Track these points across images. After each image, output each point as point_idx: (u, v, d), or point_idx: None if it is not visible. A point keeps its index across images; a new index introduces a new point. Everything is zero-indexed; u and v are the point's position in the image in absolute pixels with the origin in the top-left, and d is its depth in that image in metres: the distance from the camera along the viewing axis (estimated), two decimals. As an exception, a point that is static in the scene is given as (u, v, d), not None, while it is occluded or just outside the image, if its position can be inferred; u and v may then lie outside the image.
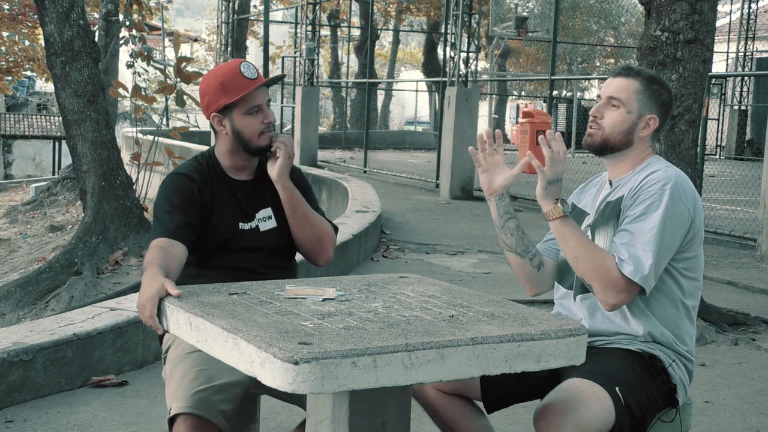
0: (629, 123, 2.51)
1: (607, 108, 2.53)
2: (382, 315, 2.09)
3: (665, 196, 2.38)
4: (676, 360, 2.46)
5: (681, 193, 2.40)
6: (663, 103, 2.54)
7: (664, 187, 2.39)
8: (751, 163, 18.47)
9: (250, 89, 2.61)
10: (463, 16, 13.07)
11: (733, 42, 24.24)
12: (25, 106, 35.43)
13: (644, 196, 2.41)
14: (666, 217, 2.37)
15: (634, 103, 2.51)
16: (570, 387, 2.29)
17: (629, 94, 2.51)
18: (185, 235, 2.58)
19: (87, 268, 7.19)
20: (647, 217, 2.38)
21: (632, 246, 2.36)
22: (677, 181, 2.42)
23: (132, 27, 9.50)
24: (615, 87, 2.54)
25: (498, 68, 29.41)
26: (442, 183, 13.18)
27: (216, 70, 2.70)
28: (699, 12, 5.07)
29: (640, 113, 2.51)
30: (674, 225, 2.39)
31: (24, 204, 15.81)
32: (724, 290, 6.74)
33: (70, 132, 7.71)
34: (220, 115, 2.66)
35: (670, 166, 2.49)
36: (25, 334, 3.92)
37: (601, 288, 2.37)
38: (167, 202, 2.64)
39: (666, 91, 2.56)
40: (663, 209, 2.37)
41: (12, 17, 25.60)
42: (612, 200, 2.52)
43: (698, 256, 2.49)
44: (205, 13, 48.40)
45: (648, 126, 2.52)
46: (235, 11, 21.50)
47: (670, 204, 2.38)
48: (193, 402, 2.31)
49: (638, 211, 2.40)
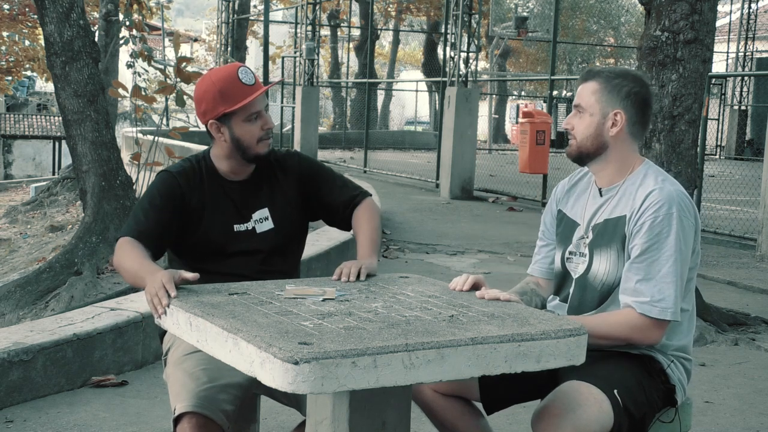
0: (594, 125, 2.45)
1: (575, 117, 2.48)
2: (382, 315, 2.09)
3: (674, 221, 2.34)
4: (675, 361, 2.45)
5: (686, 212, 2.37)
6: (628, 94, 2.44)
7: (670, 211, 2.35)
8: (751, 163, 18.46)
9: (250, 98, 2.56)
10: (463, 16, 13.07)
11: (733, 42, 24.23)
12: (25, 106, 35.41)
13: (651, 222, 2.35)
14: (678, 242, 2.34)
15: (594, 104, 2.45)
16: (568, 390, 2.29)
17: (589, 97, 2.45)
18: (152, 240, 2.54)
19: (87, 268, 7.18)
20: (661, 247, 2.34)
21: (651, 281, 2.33)
22: (680, 200, 2.37)
23: (132, 27, 9.49)
24: (578, 95, 2.49)
25: (498, 68, 29.42)
26: (442, 183, 13.18)
27: (213, 75, 2.61)
28: (699, 12, 5.06)
29: (603, 112, 2.44)
30: (686, 246, 2.37)
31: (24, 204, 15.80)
32: (724, 290, 6.74)
33: (70, 132, 7.71)
34: (219, 122, 2.60)
35: (666, 180, 2.43)
36: (25, 334, 3.92)
37: (639, 340, 2.36)
38: (148, 200, 2.61)
39: (632, 83, 2.45)
40: (675, 235, 2.34)
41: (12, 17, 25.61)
42: (611, 218, 2.45)
43: (696, 265, 2.48)
44: (205, 13, 48.39)
45: (615, 123, 2.44)
46: (235, 11, 21.51)
47: (680, 227, 2.34)
48: (198, 401, 2.30)
49: (649, 241, 2.35)
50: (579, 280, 2.50)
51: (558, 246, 2.61)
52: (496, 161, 17.77)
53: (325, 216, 2.78)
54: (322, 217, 2.79)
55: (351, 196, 2.74)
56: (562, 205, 2.63)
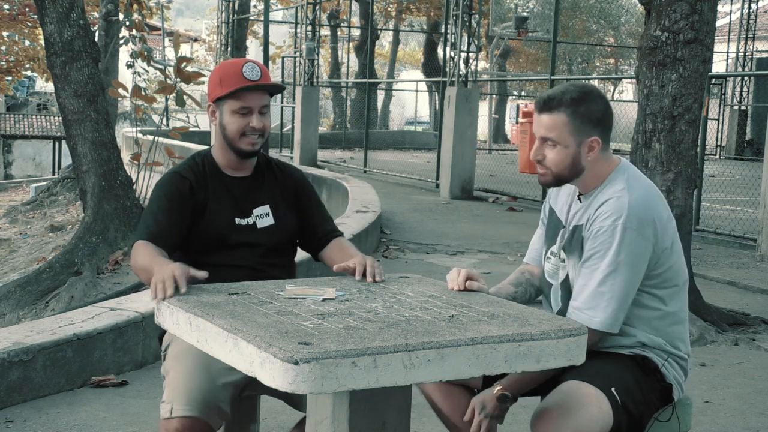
0: (571, 156, 2.41)
1: (545, 148, 2.44)
2: (382, 315, 2.09)
3: (617, 234, 2.32)
4: (669, 359, 2.46)
5: (634, 225, 2.33)
6: (598, 119, 2.41)
7: (615, 223, 2.33)
8: (751, 163, 18.45)
9: (239, 86, 2.63)
10: (463, 16, 13.06)
11: (733, 42, 24.23)
12: (25, 106, 35.41)
13: (596, 231, 2.36)
14: (619, 255, 2.32)
15: (567, 136, 2.40)
16: (567, 390, 2.29)
17: (559, 130, 2.40)
18: (166, 239, 2.60)
19: (87, 268, 7.18)
20: (602, 258, 2.34)
21: (585, 288, 2.35)
22: (630, 213, 2.33)
23: (132, 27, 9.49)
24: (544, 125, 2.43)
25: (498, 68, 29.41)
26: (442, 183, 13.18)
27: (224, 62, 2.77)
28: (699, 12, 5.06)
29: (578, 142, 2.41)
30: (631, 261, 2.33)
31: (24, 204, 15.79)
32: (724, 290, 6.74)
33: (70, 132, 7.71)
34: (214, 105, 2.71)
35: (630, 188, 2.39)
36: (25, 334, 3.92)
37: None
38: (157, 202, 2.67)
39: (596, 104, 2.41)
40: (616, 248, 2.32)
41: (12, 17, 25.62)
42: (578, 225, 2.46)
43: (673, 265, 2.44)
44: (205, 13, 48.39)
45: (592, 148, 2.42)
46: (235, 11, 21.49)
47: (622, 240, 2.32)
48: (196, 405, 2.32)
49: (592, 250, 2.36)
50: (563, 285, 2.51)
51: (545, 242, 2.64)
52: (496, 161, 17.77)
53: (301, 235, 2.83)
54: (298, 235, 2.83)
55: (331, 229, 2.84)
56: (553, 202, 2.65)
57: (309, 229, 2.82)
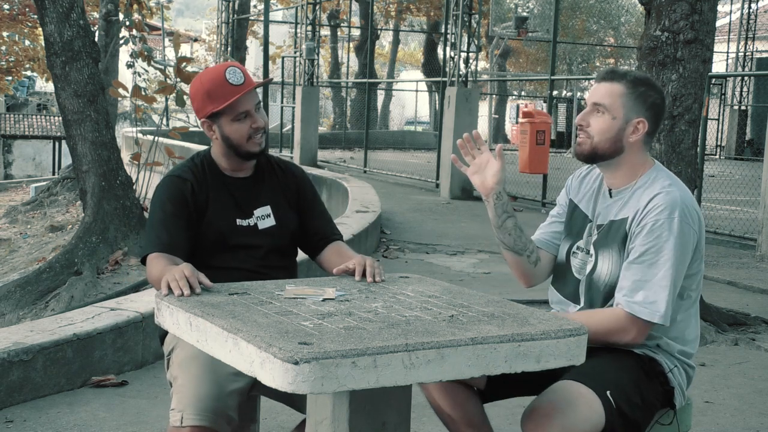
0: (616, 129, 2.43)
1: (593, 115, 2.46)
2: (382, 315, 2.09)
3: (675, 226, 2.34)
4: (678, 366, 2.45)
5: (688, 218, 2.37)
6: (652, 105, 2.45)
7: (671, 216, 2.35)
8: (751, 163, 18.46)
9: (235, 97, 2.59)
10: (463, 16, 13.06)
11: (733, 42, 24.24)
12: (25, 106, 35.42)
13: (652, 225, 2.36)
14: (677, 247, 2.34)
15: (619, 107, 2.43)
16: (559, 389, 2.28)
17: (614, 99, 2.43)
18: (180, 246, 2.58)
19: (87, 268, 7.18)
20: (659, 251, 2.34)
21: (646, 283, 2.34)
22: (684, 205, 2.37)
23: (132, 27, 9.49)
24: (600, 93, 2.46)
25: (498, 68, 29.40)
26: (442, 183, 13.18)
27: (202, 75, 2.67)
28: (699, 12, 5.06)
29: (626, 118, 2.43)
30: (684, 252, 2.37)
31: (24, 204, 15.80)
32: (724, 290, 6.74)
33: (70, 132, 7.71)
34: (209, 120, 2.66)
35: (674, 184, 2.42)
36: (25, 334, 3.92)
37: (618, 338, 2.37)
38: (161, 209, 2.63)
39: (655, 93, 2.47)
40: (674, 240, 2.33)
41: (12, 17, 25.62)
42: (616, 220, 2.45)
43: (699, 272, 2.47)
44: (205, 13, 48.39)
45: (637, 130, 2.44)
46: (235, 11, 21.50)
47: (680, 233, 2.34)
48: (207, 415, 2.31)
49: (648, 244, 2.35)
50: (587, 279, 2.50)
51: (566, 237, 2.61)
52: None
53: (300, 234, 2.81)
54: (298, 235, 2.81)
55: (332, 231, 2.82)
56: (574, 195, 2.63)
57: (309, 229, 2.80)
